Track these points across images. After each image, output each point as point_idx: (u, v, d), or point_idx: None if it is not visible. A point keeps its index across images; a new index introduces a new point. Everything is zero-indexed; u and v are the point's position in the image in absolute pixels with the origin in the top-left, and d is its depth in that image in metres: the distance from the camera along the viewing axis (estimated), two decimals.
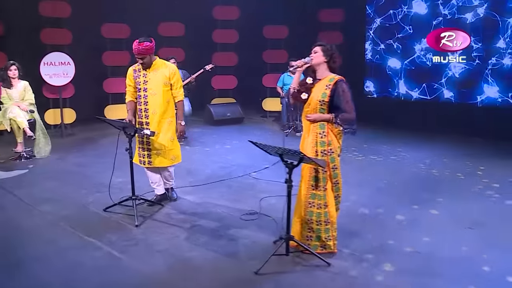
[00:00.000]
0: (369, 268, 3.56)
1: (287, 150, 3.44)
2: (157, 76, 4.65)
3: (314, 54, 3.76)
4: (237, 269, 3.57)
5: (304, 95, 3.78)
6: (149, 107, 4.69)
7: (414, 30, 8.96)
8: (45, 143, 6.80)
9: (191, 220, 4.52)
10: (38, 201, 4.99)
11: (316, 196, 3.76)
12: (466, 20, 8.18)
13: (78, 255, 3.75)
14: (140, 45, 4.55)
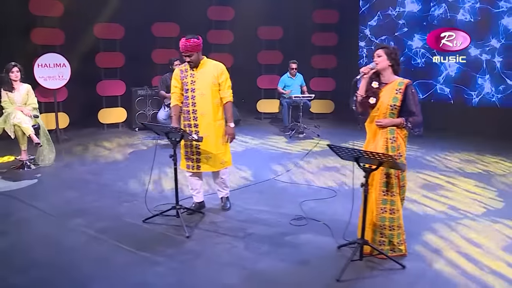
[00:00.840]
0: (444, 267, 3.51)
1: (364, 153, 3.33)
2: (205, 76, 4.42)
3: (378, 58, 3.66)
4: (317, 278, 3.42)
5: (372, 99, 3.67)
6: (197, 108, 4.44)
7: (409, 28, 9.10)
8: (49, 150, 6.37)
9: (240, 228, 4.31)
10: (65, 213, 4.62)
11: (388, 201, 3.67)
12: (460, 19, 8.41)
13: (140, 273, 3.47)
14: (188, 42, 4.36)
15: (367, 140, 3.81)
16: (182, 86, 4.50)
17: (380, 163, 3.37)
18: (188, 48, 4.35)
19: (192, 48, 4.35)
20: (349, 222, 3.93)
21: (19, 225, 4.36)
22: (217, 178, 4.68)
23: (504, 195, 5.23)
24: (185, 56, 4.41)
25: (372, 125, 3.76)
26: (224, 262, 3.64)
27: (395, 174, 3.64)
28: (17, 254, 3.78)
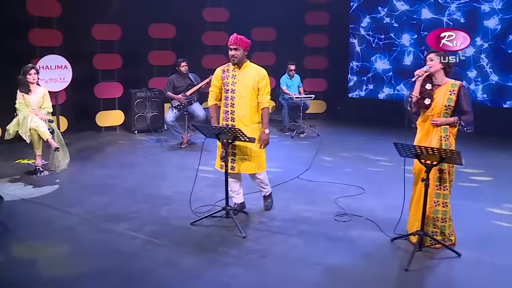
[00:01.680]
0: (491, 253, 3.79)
1: (425, 149, 3.56)
2: (246, 78, 4.49)
3: (431, 62, 3.90)
4: (385, 269, 3.62)
5: (427, 100, 3.90)
6: (236, 109, 4.51)
7: (400, 28, 9.51)
8: (64, 155, 6.20)
9: (290, 226, 4.43)
10: (107, 219, 4.57)
11: (441, 195, 3.92)
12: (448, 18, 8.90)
13: (214, 275, 3.51)
14: (237, 35, 4.50)
15: (420, 138, 4.03)
16: (222, 85, 4.56)
17: (442, 158, 3.60)
18: (236, 41, 4.47)
19: (239, 42, 4.46)
20: (401, 216, 4.15)
21: (66, 232, 4.27)
22: (254, 179, 4.76)
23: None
24: (230, 50, 4.48)
25: (425, 124, 3.99)
26: (293, 259, 3.76)
27: (447, 169, 3.89)
28: (82, 261, 3.73)
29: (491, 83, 8.83)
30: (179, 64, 7.56)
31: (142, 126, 8.67)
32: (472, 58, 8.91)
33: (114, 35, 8.53)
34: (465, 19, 8.87)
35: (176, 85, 7.54)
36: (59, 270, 3.59)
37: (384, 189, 5.55)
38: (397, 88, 9.80)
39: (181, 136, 7.59)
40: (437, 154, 3.56)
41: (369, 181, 5.80)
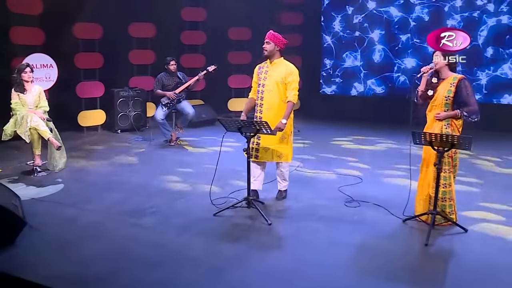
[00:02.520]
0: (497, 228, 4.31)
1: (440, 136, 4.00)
2: (276, 74, 4.81)
3: (436, 57, 4.37)
4: (408, 245, 4.05)
5: (430, 91, 4.36)
6: (264, 102, 4.85)
7: (370, 26, 10.10)
8: (61, 155, 6.16)
9: (308, 213, 4.72)
10: (129, 214, 4.67)
11: (442, 177, 4.36)
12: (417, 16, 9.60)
13: (258, 262, 3.72)
14: (273, 32, 4.78)
15: (427, 125, 4.47)
16: (258, 81, 4.91)
17: (452, 145, 4.04)
18: (269, 35, 4.79)
19: (271, 37, 4.77)
20: (408, 199, 4.58)
21: (95, 229, 4.33)
22: (277, 169, 5.05)
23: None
24: (265, 43, 4.79)
25: (430, 113, 4.44)
26: (322, 242, 4.06)
27: (449, 154, 4.33)
28: (125, 254, 3.84)
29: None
30: (168, 63, 7.66)
31: (125, 125, 8.67)
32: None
33: (96, 34, 8.47)
34: (429, 18, 9.59)
35: (165, 84, 7.64)
36: (111, 264, 3.68)
37: (378, 177, 6.02)
38: (368, 84, 10.37)
39: (170, 134, 7.70)
40: (449, 140, 4.00)
41: (362, 171, 6.23)
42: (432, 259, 3.85)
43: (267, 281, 3.42)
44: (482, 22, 9.15)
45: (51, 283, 3.29)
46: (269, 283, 3.40)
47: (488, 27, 9.10)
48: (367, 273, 3.55)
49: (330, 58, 10.68)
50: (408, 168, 4.78)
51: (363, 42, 10.26)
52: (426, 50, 9.60)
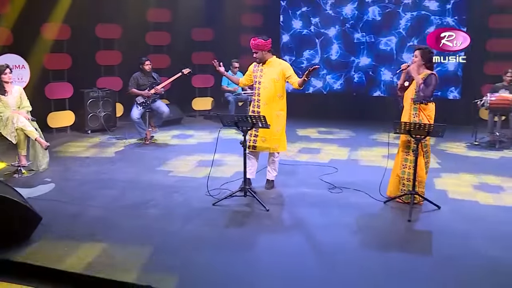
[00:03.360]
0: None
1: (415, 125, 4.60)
2: (271, 72, 5.22)
3: (415, 58, 4.94)
4: (394, 221, 4.64)
5: (406, 82, 4.95)
6: (261, 98, 5.27)
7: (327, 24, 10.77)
8: (44, 154, 6.19)
9: (298, 199, 5.19)
10: (131, 208, 4.90)
11: (408, 160, 4.98)
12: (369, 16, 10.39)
13: (267, 243, 4.16)
14: (254, 41, 5.19)
15: (403, 114, 5.04)
16: (252, 77, 5.36)
17: (428, 132, 4.65)
18: (253, 46, 5.18)
19: (256, 47, 5.14)
20: (381, 182, 5.17)
21: (103, 223, 4.50)
22: (270, 157, 5.46)
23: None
24: (253, 53, 5.19)
25: (406, 103, 5.03)
26: (320, 224, 4.50)
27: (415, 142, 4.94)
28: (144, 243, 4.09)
29: None
30: (143, 63, 7.83)
31: (95, 126, 8.71)
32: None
33: (64, 34, 8.45)
34: (381, 17, 10.41)
35: (140, 83, 7.81)
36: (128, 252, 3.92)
37: (351, 166, 6.60)
38: (327, 80, 11.02)
39: (145, 132, 7.87)
40: (426, 129, 4.60)
41: (334, 163, 6.76)
42: (417, 232, 4.44)
43: (279, 259, 3.82)
44: (430, 22, 10.09)
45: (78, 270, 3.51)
46: (281, 261, 3.80)
47: (435, 26, 10.04)
48: (365, 247, 4.06)
49: (290, 56, 11.22)
50: (366, 156, 5.37)
51: (320, 40, 10.88)
52: (379, 48, 10.44)
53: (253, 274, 3.58)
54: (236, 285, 3.41)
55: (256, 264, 3.75)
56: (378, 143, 8.07)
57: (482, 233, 4.29)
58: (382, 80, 10.59)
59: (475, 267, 3.66)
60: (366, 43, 10.59)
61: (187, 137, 8.53)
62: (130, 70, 8.12)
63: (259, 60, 5.24)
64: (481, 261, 3.76)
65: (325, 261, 3.80)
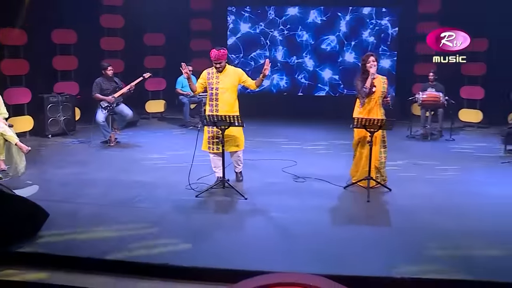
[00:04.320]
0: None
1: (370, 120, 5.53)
2: (228, 78, 5.85)
3: (374, 62, 5.83)
4: (355, 202, 5.52)
5: (374, 88, 5.82)
6: (219, 103, 5.86)
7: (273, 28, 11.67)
8: (21, 159, 6.45)
9: (270, 189, 5.94)
10: (121, 203, 5.40)
11: (383, 152, 5.93)
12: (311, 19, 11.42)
13: (255, 223, 4.94)
14: (219, 52, 5.75)
15: (365, 114, 5.88)
16: (207, 83, 5.90)
17: (380, 126, 5.59)
18: (219, 57, 5.74)
19: (222, 57, 5.76)
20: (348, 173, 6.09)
21: (101, 216, 4.98)
22: (233, 155, 6.12)
23: None
24: (216, 63, 5.76)
25: (369, 105, 5.88)
26: (295, 208, 5.27)
27: (382, 135, 5.90)
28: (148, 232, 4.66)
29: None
30: (106, 68, 8.22)
31: (56, 130, 8.94)
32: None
33: (21, 40, 8.61)
34: (322, 20, 11.45)
35: (103, 88, 8.19)
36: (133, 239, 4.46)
37: (308, 158, 7.48)
38: (274, 80, 11.92)
39: (109, 135, 8.28)
40: (378, 123, 5.54)
41: (291, 157, 7.59)
42: (376, 208, 5.38)
43: (264, 235, 4.58)
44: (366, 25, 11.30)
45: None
46: (266, 237, 4.54)
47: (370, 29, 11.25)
48: (339, 222, 4.96)
49: (237, 56, 11.99)
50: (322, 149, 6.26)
51: (266, 42, 11.75)
52: (321, 50, 11.52)
53: (247, 248, 4.29)
54: (236, 256, 4.09)
55: (248, 240, 4.47)
56: (325, 138, 9.05)
57: (426, 208, 5.31)
58: (323, 79, 11.70)
59: (423, 233, 4.61)
60: (310, 44, 11.63)
61: (148, 138, 9.03)
62: (86, 75, 8.45)
63: (221, 69, 5.83)
64: (427, 228, 4.73)
65: (302, 235, 4.57)
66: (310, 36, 11.68)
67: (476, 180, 6.38)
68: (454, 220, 4.94)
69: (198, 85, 6.03)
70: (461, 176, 6.61)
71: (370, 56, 5.88)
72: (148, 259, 4.01)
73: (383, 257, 4.10)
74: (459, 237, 4.49)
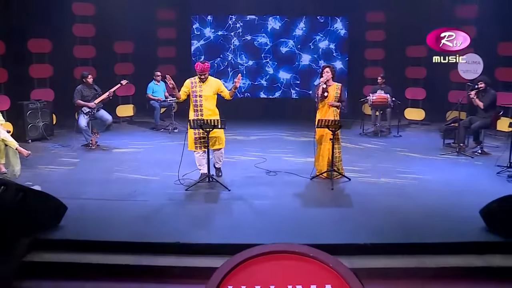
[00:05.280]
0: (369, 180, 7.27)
1: (333, 121, 6.73)
2: (209, 87, 6.88)
3: (327, 73, 7.03)
4: (320, 191, 6.68)
5: (326, 93, 7.02)
6: (204, 108, 6.86)
7: (235, 35, 12.74)
8: (16, 162, 7.16)
9: (247, 182, 6.99)
10: (125, 197, 6.28)
11: (336, 148, 7.11)
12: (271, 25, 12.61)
13: (242, 209, 5.98)
14: (204, 65, 6.77)
15: (322, 115, 7.10)
16: (191, 91, 6.87)
17: (340, 126, 6.80)
18: (204, 69, 6.76)
19: (206, 69, 6.78)
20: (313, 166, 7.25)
21: (110, 209, 5.88)
22: (217, 152, 7.13)
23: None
24: (201, 75, 6.76)
25: (324, 108, 7.10)
26: (275, 195, 6.39)
27: (337, 133, 7.11)
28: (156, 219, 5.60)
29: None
30: (86, 77, 8.99)
31: (35, 135, 9.59)
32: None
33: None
34: (279, 27, 12.70)
35: (84, 95, 8.96)
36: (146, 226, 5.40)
37: (276, 154, 8.62)
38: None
39: (90, 138, 9.05)
40: (338, 124, 6.75)
41: (261, 153, 8.70)
42: (338, 194, 6.57)
43: (254, 218, 5.66)
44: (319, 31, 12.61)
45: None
46: (256, 218, 5.64)
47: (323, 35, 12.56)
48: (310, 206, 6.13)
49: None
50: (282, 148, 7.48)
51: (228, 47, 12.88)
52: (280, 54, 12.74)
53: (238, 228, 5.34)
54: (231, 234, 5.12)
55: (237, 223, 5.51)
56: (287, 136, 10.24)
57: (379, 191, 6.57)
58: (281, 81, 12.98)
59: (377, 210, 5.84)
60: (269, 49, 12.84)
61: (124, 140, 9.86)
62: (60, 82, 9.11)
63: (205, 79, 6.85)
64: (380, 206, 5.97)
65: (281, 216, 5.69)
66: (269, 41, 12.87)
67: (418, 169, 7.73)
68: (401, 199, 6.23)
69: (181, 93, 6.97)
70: (407, 165, 7.96)
71: (326, 68, 7.09)
72: (161, 239, 4.97)
73: (348, 230, 5.29)
74: (404, 212, 5.77)
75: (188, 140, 6.95)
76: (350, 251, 4.82)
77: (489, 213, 5.07)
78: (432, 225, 5.37)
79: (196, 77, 6.88)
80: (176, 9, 12.60)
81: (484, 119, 8.59)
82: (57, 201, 5.31)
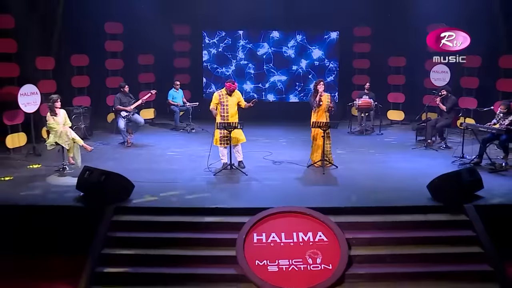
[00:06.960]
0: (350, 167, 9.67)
1: (325, 123, 9.15)
2: (233, 98, 9.24)
3: (322, 86, 9.40)
4: (315, 175, 9.06)
5: (321, 102, 9.41)
6: (229, 114, 9.21)
7: (237, 49, 15.13)
8: (78, 156, 9.47)
9: (262, 169, 9.36)
10: (168, 180, 8.63)
11: (328, 143, 9.51)
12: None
13: (258, 187, 8.36)
14: (234, 85, 9.19)
15: (317, 118, 9.47)
16: (220, 102, 9.21)
17: (329, 126, 9.20)
18: (233, 88, 9.16)
19: (235, 88, 9.18)
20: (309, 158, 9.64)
21: (159, 188, 8.24)
22: (236, 147, 9.49)
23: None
24: (230, 91, 9.14)
25: (319, 112, 9.47)
26: (283, 177, 8.76)
27: (328, 132, 9.49)
28: (201, 198, 7.97)
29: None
30: (123, 86, 11.37)
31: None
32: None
33: (50, 65, 11.56)
34: (278, 38, 15.12)
35: (122, 101, 11.30)
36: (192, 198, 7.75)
37: (279, 150, 11.01)
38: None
39: (127, 137, 11.39)
40: (328, 124, 9.15)
41: (267, 149, 11.07)
42: (329, 177, 8.95)
43: (268, 191, 8.02)
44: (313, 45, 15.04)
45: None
46: (269, 191, 7.99)
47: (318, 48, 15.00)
48: (307, 184, 8.53)
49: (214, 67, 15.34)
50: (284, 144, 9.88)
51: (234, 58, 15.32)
52: (280, 61, 15.11)
53: (256, 197, 7.72)
54: (251, 201, 7.45)
55: (255, 194, 7.91)
56: (286, 135, 12.64)
57: (361, 175, 8.96)
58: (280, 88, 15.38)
59: (359, 189, 8.19)
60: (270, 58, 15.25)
61: (152, 139, 12.20)
62: (95, 90, 11.52)
63: (231, 93, 9.25)
64: (361, 186, 8.34)
65: (287, 190, 8.07)
66: (271, 52, 15.28)
67: (394, 160, 10.13)
68: (378, 181, 8.58)
69: (213, 106, 9.26)
70: (385, 157, 10.37)
71: (320, 82, 9.48)
72: (203, 205, 7.35)
73: (334, 198, 7.68)
74: (376, 188, 8.15)
75: (215, 137, 9.31)
76: (335, 212, 7.20)
77: (433, 187, 7.49)
78: (396, 196, 7.75)
79: (223, 90, 9.25)
80: (190, 24, 14.96)
81: (447, 120, 11.02)
82: (127, 180, 7.65)
